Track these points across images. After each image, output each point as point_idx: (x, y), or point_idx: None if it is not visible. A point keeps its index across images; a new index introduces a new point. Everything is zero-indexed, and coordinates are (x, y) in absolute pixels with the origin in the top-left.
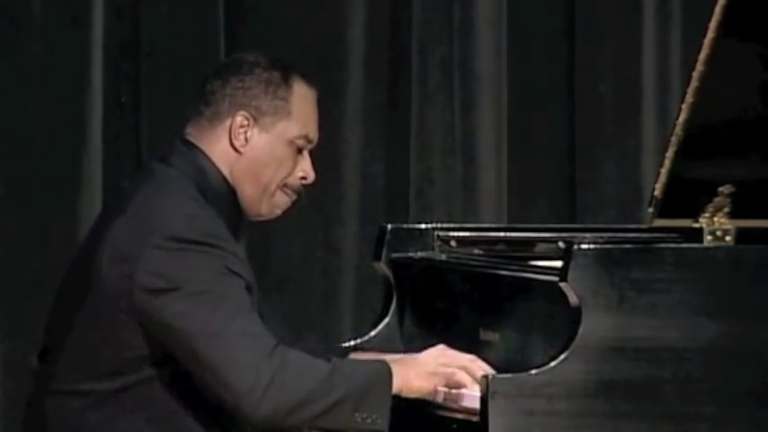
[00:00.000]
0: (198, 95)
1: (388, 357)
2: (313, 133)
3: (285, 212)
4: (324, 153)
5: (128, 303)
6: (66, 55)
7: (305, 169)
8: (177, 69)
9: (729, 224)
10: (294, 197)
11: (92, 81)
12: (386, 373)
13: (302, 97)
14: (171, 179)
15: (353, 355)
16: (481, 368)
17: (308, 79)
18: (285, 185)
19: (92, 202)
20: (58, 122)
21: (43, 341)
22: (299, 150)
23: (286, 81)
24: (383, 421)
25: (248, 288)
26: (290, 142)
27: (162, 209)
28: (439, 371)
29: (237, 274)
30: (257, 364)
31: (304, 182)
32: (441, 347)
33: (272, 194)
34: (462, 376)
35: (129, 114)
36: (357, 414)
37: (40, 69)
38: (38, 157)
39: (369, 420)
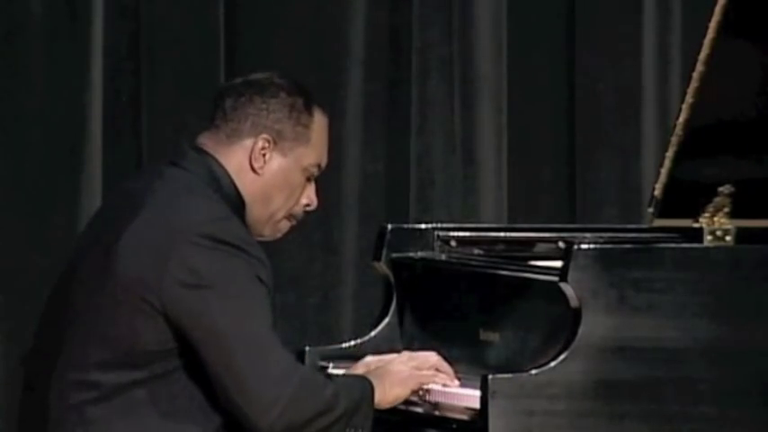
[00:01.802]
0: (214, 107)
1: (359, 366)
2: (325, 162)
3: (285, 235)
4: None
5: (156, 296)
6: (67, 53)
7: (310, 196)
8: (177, 68)
9: (729, 224)
10: (295, 222)
11: (92, 79)
12: (370, 389)
13: (320, 126)
14: (190, 181)
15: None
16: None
17: (323, 107)
18: (291, 215)
19: (92, 202)
20: (58, 121)
21: (35, 339)
22: (308, 178)
23: (308, 109)
24: None
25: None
26: (305, 169)
27: (192, 207)
28: (414, 374)
29: (265, 284)
30: (281, 380)
31: (308, 209)
32: (405, 354)
33: (278, 221)
34: (436, 379)
35: (130, 113)
36: (348, 429)
37: (40, 68)
38: (38, 156)
39: None
